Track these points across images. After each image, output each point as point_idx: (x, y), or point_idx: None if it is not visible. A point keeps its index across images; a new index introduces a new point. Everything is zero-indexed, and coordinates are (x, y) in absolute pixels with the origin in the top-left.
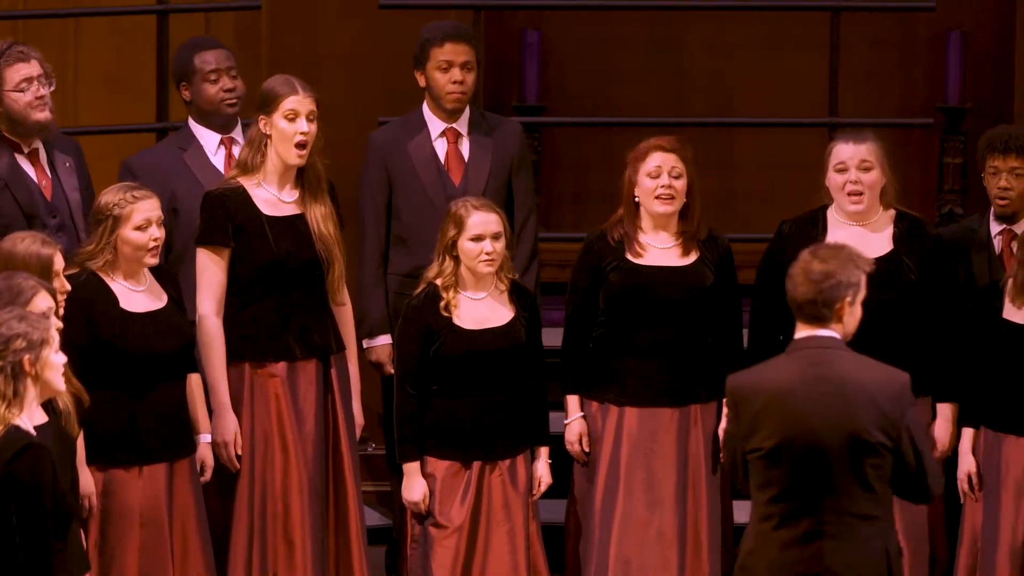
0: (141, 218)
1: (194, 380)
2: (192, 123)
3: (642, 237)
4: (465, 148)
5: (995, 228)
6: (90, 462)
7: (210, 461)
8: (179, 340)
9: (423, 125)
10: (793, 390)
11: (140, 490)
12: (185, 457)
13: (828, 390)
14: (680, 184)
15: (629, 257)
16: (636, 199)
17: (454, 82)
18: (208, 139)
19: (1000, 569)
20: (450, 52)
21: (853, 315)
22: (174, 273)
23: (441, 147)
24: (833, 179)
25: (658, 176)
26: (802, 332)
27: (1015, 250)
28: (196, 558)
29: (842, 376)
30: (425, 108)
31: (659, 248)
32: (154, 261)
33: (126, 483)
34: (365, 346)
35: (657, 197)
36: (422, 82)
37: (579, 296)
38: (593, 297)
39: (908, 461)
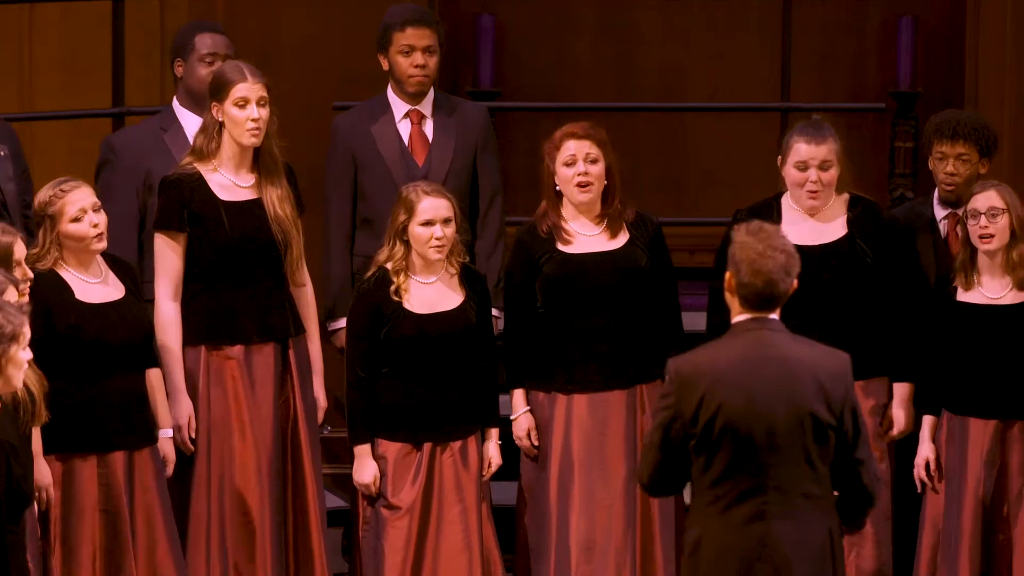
0: (75, 209)
1: (154, 375)
2: (176, 105)
3: (568, 225)
4: (429, 129)
5: (940, 212)
6: (49, 451)
7: (172, 456)
8: (138, 330)
9: (387, 108)
10: (741, 371)
11: (99, 479)
12: (146, 447)
13: (775, 370)
14: (596, 169)
15: (560, 247)
16: (557, 187)
17: (416, 66)
18: (189, 121)
19: (963, 554)
20: (412, 36)
21: None
22: (130, 264)
23: (405, 129)
24: (792, 175)
25: (573, 164)
26: (745, 316)
27: (960, 232)
28: (162, 547)
29: (788, 356)
30: (389, 91)
31: (587, 235)
32: (102, 245)
33: (84, 472)
34: (329, 328)
35: (576, 185)
36: (385, 66)
37: (516, 291)
38: (530, 291)
39: (848, 439)
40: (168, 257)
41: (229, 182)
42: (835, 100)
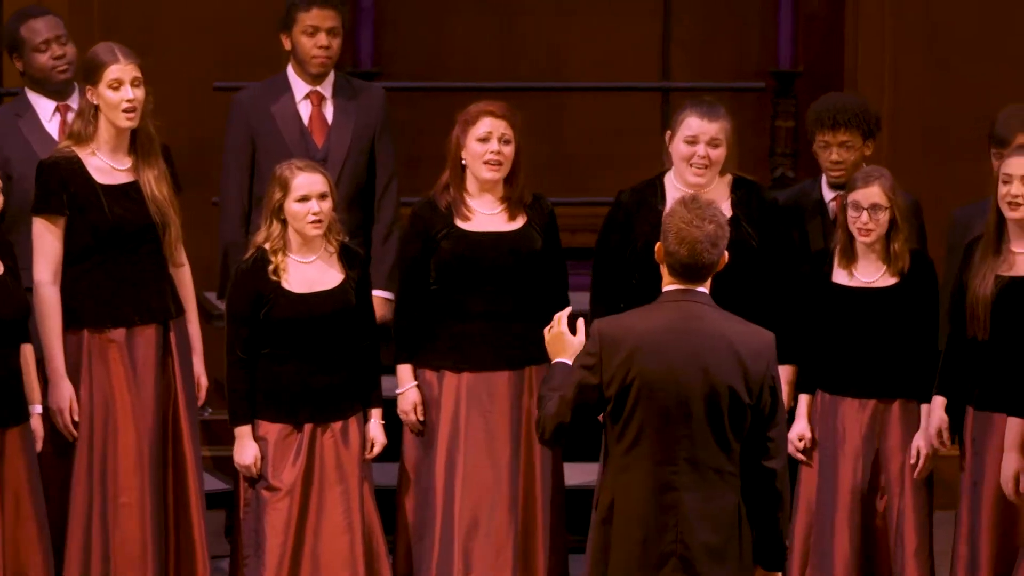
0: None
1: (27, 351)
2: (28, 91)
3: (469, 201)
4: (329, 111)
5: (828, 194)
6: None
7: (40, 432)
8: (13, 308)
9: (287, 87)
10: (662, 340)
11: None
12: (16, 425)
13: (696, 342)
14: (508, 150)
15: (459, 224)
16: (463, 162)
17: (320, 47)
18: (43, 106)
19: (839, 532)
20: (316, 17)
21: None
22: (9, 241)
23: (305, 109)
24: (680, 149)
25: (487, 141)
26: (673, 286)
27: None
28: (29, 525)
29: (711, 330)
30: (290, 70)
31: (487, 214)
32: None
33: None
34: (223, 307)
35: (486, 162)
36: (287, 45)
37: (410, 265)
38: (424, 266)
39: (764, 417)
40: (47, 240)
41: (106, 165)
42: (716, 79)
